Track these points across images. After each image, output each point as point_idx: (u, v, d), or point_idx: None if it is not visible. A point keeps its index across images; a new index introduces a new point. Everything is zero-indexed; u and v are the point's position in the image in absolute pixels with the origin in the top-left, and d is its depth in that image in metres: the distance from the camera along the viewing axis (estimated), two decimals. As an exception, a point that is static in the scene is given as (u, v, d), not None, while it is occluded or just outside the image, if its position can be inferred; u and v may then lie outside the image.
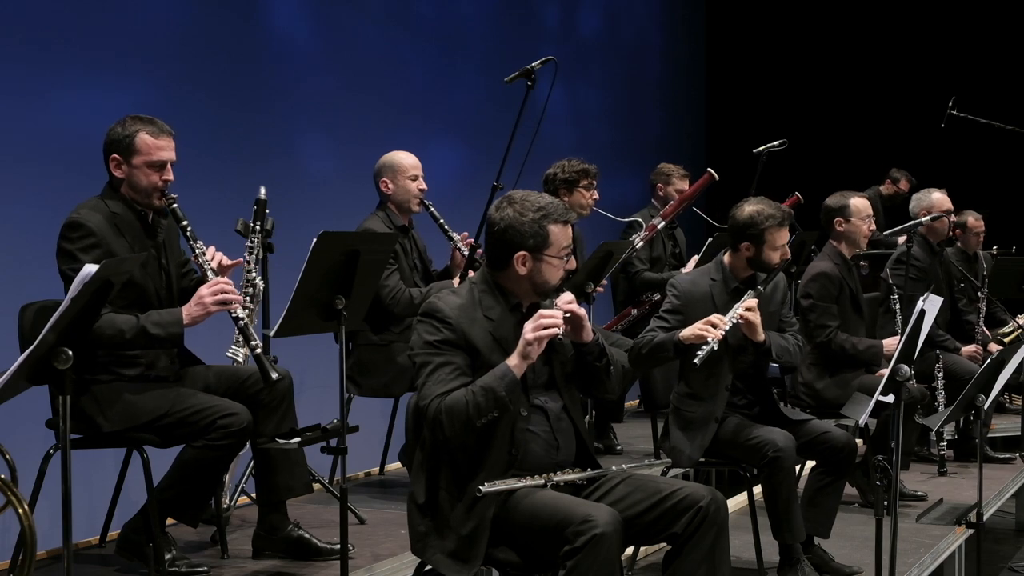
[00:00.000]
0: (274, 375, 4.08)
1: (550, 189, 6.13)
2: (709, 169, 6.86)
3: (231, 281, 4.13)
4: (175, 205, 4.14)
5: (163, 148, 4.14)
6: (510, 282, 3.60)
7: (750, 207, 4.71)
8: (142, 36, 6.07)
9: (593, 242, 6.73)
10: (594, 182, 6.24)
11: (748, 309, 4.50)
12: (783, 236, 4.70)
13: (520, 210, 3.55)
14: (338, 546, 4.07)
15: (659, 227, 6.82)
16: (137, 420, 4.07)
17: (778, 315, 4.82)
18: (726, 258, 4.79)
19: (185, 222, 4.14)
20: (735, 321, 4.48)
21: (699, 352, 4.39)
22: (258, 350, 4.07)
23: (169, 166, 4.16)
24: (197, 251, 4.14)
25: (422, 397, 3.46)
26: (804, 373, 5.81)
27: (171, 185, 4.19)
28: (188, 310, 4.04)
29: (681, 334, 4.49)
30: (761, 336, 4.57)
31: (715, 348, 4.39)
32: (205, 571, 4.19)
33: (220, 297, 4.04)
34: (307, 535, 4.40)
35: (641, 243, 6.70)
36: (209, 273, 4.12)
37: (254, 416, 4.16)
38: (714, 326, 4.42)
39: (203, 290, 4.05)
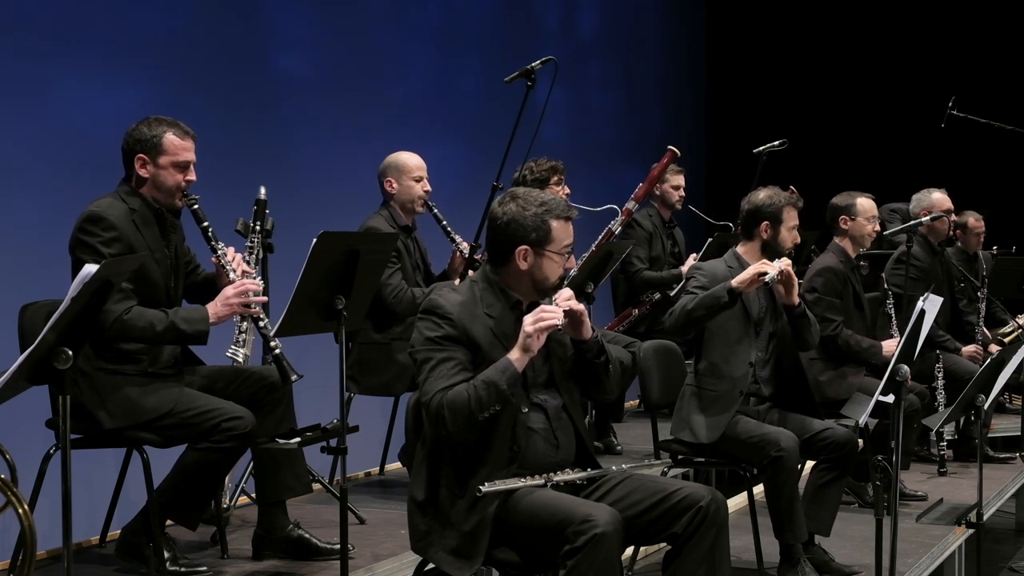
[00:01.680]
0: (293, 376, 4.10)
1: None
2: (670, 147, 6.86)
3: (257, 282, 4.20)
4: (196, 206, 4.18)
5: (188, 149, 4.20)
6: (510, 278, 3.61)
7: (764, 192, 4.91)
8: (142, 36, 6.07)
9: (576, 237, 6.71)
10: (563, 177, 6.24)
11: (787, 265, 4.60)
12: (795, 217, 4.88)
13: (523, 205, 3.57)
14: (338, 546, 4.07)
15: (633, 210, 6.81)
16: (139, 418, 4.07)
17: None
18: (739, 249, 4.91)
19: (206, 223, 4.19)
20: (781, 268, 4.56)
21: (767, 277, 4.50)
22: (278, 350, 4.09)
23: (192, 167, 4.21)
24: (219, 252, 4.17)
25: (424, 393, 3.47)
26: (808, 369, 5.82)
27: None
28: (214, 309, 4.09)
29: (735, 280, 4.55)
30: (796, 298, 4.65)
31: (776, 276, 4.51)
32: (205, 571, 4.19)
33: (245, 300, 4.09)
34: (307, 535, 4.40)
35: (619, 228, 6.66)
36: (232, 275, 4.15)
37: (254, 416, 4.17)
38: (767, 265, 4.54)
39: (228, 290, 4.10)
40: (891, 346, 5.77)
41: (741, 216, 4.94)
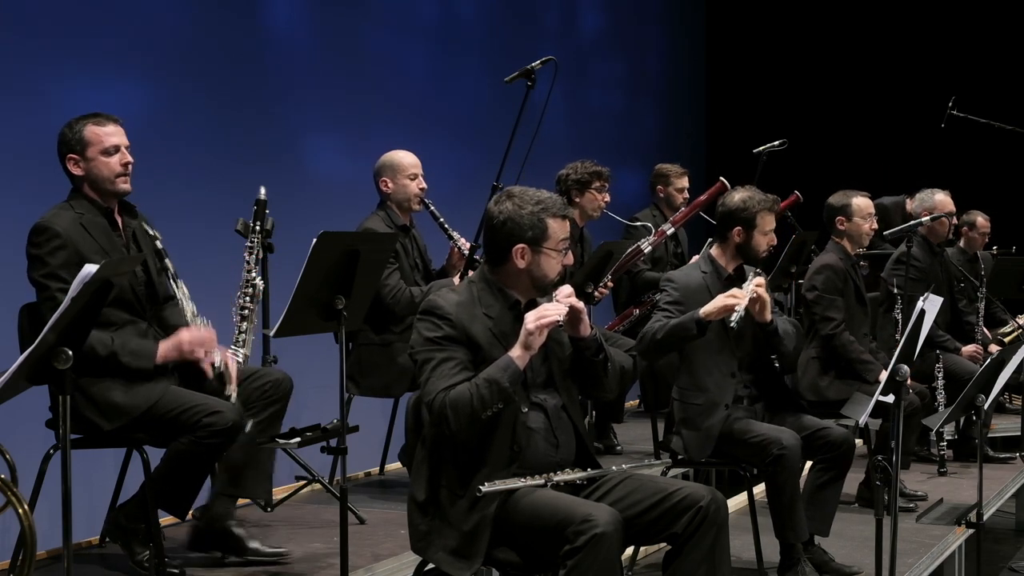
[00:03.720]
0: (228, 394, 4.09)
1: (562, 189, 6.14)
2: (721, 178, 6.86)
3: (214, 336, 4.15)
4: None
5: (111, 134, 4.16)
6: (509, 277, 3.61)
7: (740, 194, 4.81)
8: (143, 36, 6.07)
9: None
10: (606, 184, 6.28)
11: (759, 286, 4.55)
12: (771, 221, 4.79)
13: (519, 203, 3.58)
14: (282, 550, 4.18)
15: (668, 232, 6.84)
16: (132, 414, 4.04)
17: None
18: (713, 251, 4.85)
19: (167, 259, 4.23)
20: (752, 295, 4.50)
21: (731, 320, 4.43)
22: (229, 389, 4.09)
23: (124, 150, 4.17)
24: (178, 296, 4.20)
25: (426, 393, 3.47)
26: (807, 368, 5.81)
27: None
28: (164, 350, 4.06)
29: (703, 310, 4.50)
30: (769, 316, 4.61)
31: (742, 315, 4.45)
32: (178, 573, 4.17)
33: (197, 352, 4.07)
34: (244, 535, 4.32)
35: (650, 247, 6.70)
36: (189, 317, 4.18)
37: (246, 410, 4.14)
38: (736, 297, 4.47)
39: (183, 335, 4.08)
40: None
41: (716, 217, 4.87)
